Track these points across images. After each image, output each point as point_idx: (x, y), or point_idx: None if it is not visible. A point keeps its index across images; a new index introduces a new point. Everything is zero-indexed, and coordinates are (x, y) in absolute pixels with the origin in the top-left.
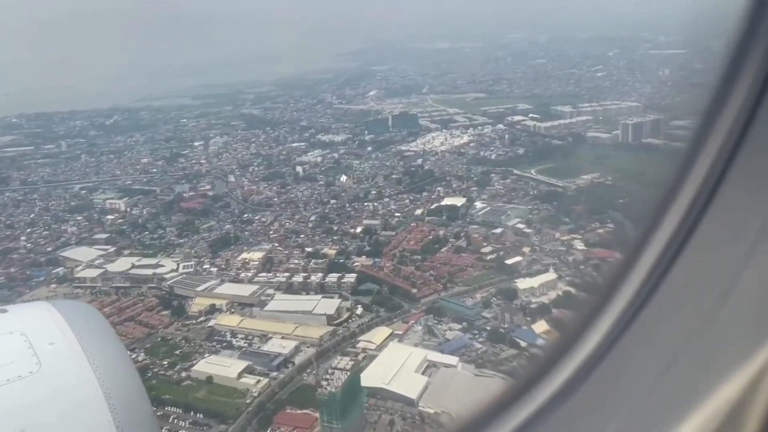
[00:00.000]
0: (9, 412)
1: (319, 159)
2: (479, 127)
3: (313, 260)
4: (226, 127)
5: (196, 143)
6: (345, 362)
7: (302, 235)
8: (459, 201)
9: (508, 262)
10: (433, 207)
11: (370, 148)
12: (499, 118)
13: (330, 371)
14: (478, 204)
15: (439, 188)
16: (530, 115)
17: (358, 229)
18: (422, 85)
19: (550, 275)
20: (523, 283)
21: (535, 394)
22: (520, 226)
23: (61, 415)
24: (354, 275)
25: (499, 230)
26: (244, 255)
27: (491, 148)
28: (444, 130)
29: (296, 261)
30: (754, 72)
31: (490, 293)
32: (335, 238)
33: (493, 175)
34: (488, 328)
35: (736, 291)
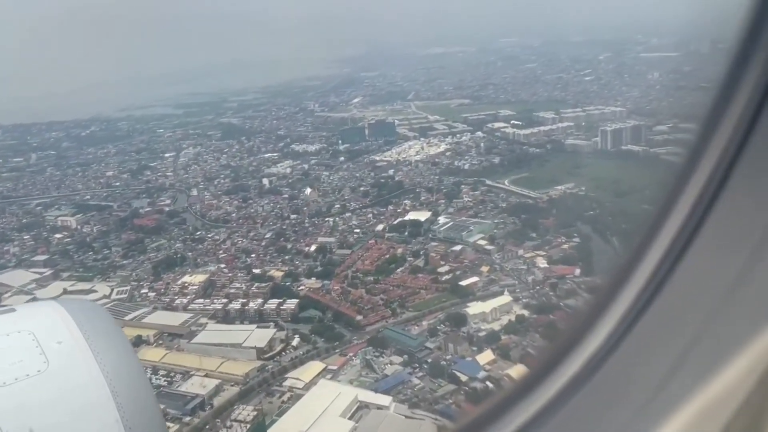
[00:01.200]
0: (17, 411)
1: (288, 170)
2: (458, 135)
3: (256, 284)
4: (202, 137)
5: (167, 155)
6: (250, 409)
7: (253, 255)
8: (423, 215)
9: (463, 283)
10: (395, 222)
11: (342, 158)
12: (479, 125)
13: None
14: (441, 219)
15: (406, 201)
16: (512, 121)
17: (312, 248)
18: (408, 92)
19: (505, 298)
20: (474, 308)
21: (538, 394)
22: (482, 242)
23: (69, 414)
24: (296, 301)
25: (458, 247)
26: (186, 278)
27: (466, 158)
28: (422, 139)
29: (238, 285)
30: (756, 74)
31: (438, 320)
32: (287, 258)
33: (464, 186)
34: (430, 360)
35: (740, 293)
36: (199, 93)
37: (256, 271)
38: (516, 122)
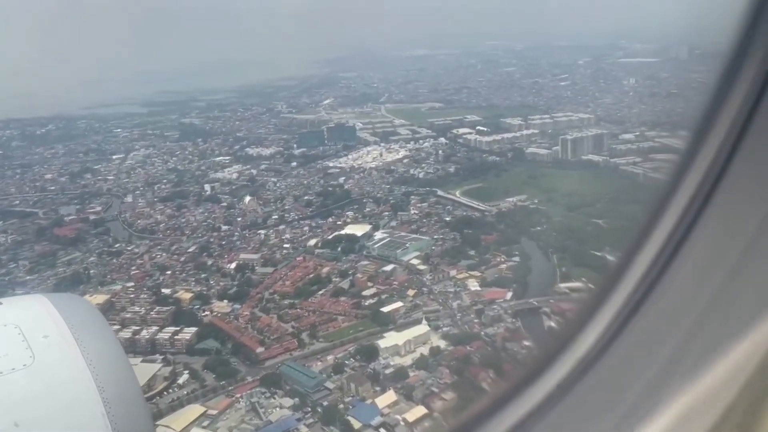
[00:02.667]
0: (3, 405)
1: (234, 176)
2: (420, 141)
3: (158, 308)
4: (158, 138)
5: (115, 156)
6: None
7: (168, 272)
8: (361, 229)
9: (385, 309)
10: (330, 237)
11: (294, 164)
12: (444, 130)
13: None
14: (378, 234)
15: (349, 213)
16: (477, 127)
17: (233, 265)
18: (382, 94)
19: (422, 328)
20: (389, 339)
21: (530, 394)
22: (415, 261)
23: (55, 407)
24: (195, 329)
25: (390, 267)
26: (84, 298)
27: (423, 165)
28: (382, 144)
29: (138, 308)
30: (752, 75)
31: (348, 353)
32: (203, 276)
33: (413, 197)
34: (325, 403)
35: (733, 291)
36: (170, 91)
37: (165, 291)
38: (481, 128)
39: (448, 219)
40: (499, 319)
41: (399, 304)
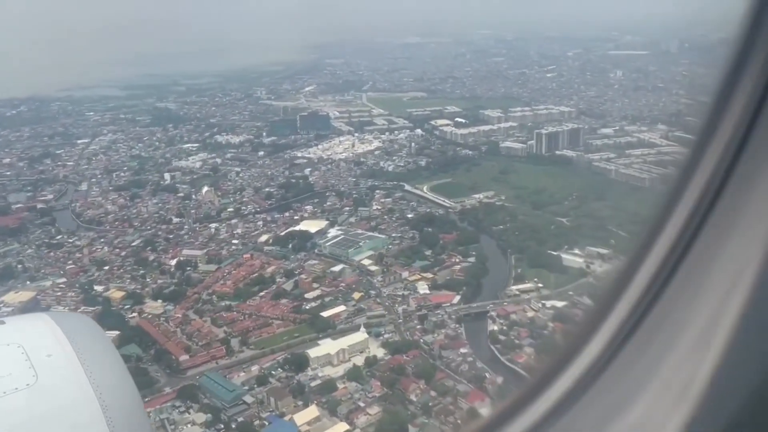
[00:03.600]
0: (5, 425)
1: (198, 164)
2: (396, 132)
3: (83, 307)
4: (129, 123)
5: (80, 141)
6: None
7: (106, 267)
8: (317, 225)
9: (326, 314)
10: (282, 233)
11: (262, 153)
12: (422, 121)
13: None
14: (332, 231)
15: (308, 207)
16: (456, 119)
17: (174, 262)
18: (366, 82)
19: (360, 335)
20: (322, 347)
21: (539, 402)
22: (367, 261)
23: (59, 428)
24: (117, 333)
25: (339, 267)
26: (8, 296)
27: (394, 158)
28: (356, 134)
29: (62, 308)
30: (756, 74)
31: (276, 362)
32: (141, 273)
33: (378, 191)
34: (240, 419)
35: (741, 297)
36: (153, 75)
37: (98, 288)
38: (460, 120)
39: (410, 216)
40: (442, 325)
41: (342, 308)
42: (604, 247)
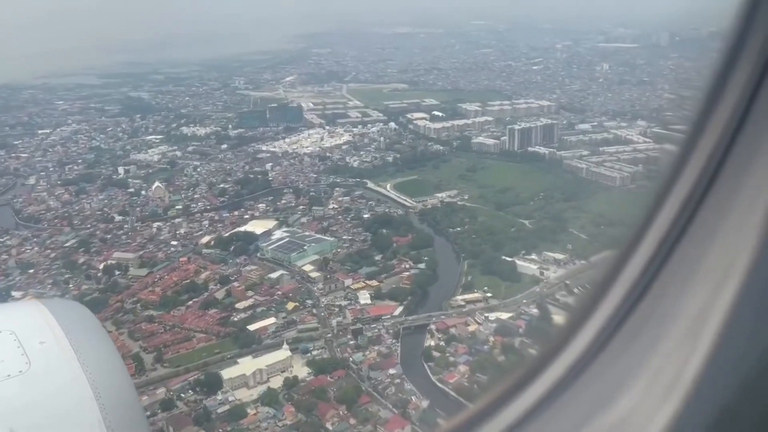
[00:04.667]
0: None
1: (156, 158)
2: (369, 125)
3: None
4: (97, 113)
5: (41, 131)
6: None
7: (31, 270)
8: (265, 226)
9: (253, 327)
10: (226, 234)
11: (225, 146)
12: (398, 114)
13: None
14: (278, 233)
15: (261, 205)
16: (433, 112)
17: (102, 266)
18: (349, 72)
19: (283, 353)
20: (238, 367)
21: (524, 395)
22: (309, 267)
23: (51, 414)
24: None
25: (278, 274)
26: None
27: (362, 153)
28: (327, 127)
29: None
30: (749, 69)
31: (188, 383)
32: (66, 277)
33: (339, 188)
34: None
35: (730, 290)
36: (134, 62)
37: (16, 294)
38: (437, 113)
39: (366, 216)
40: (377, 341)
41: (271, 320)
42: (562, 252)
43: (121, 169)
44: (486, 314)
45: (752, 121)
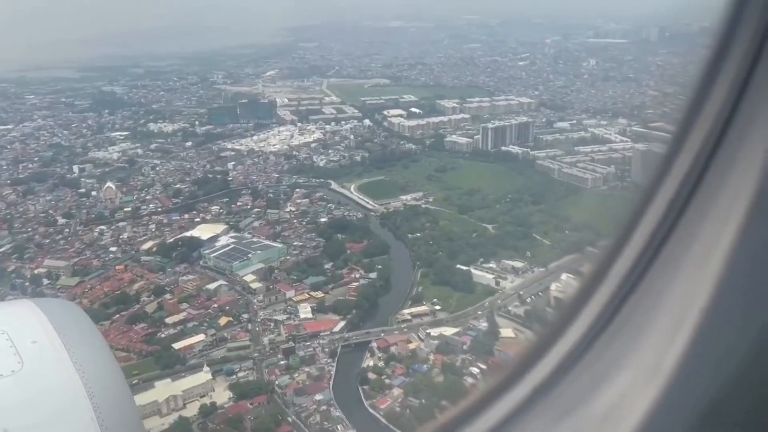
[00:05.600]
0: None
1: (115, 155)
2: (342, 123)
3: None
4: (66, 107)
5: (3, 127)
6: None
7: None
8: (213, 230)
9: (179, 345)
10: (170, 239)
11: (190, 143)
12: (375, 111)
13: None
14: (224, 239)
15: (215, 207)
16: (411, 109)
17: (32, 273)
18: (333, 67)
19: (203, 376)
20: (154, 392)
21: (515, 391)
22: (251, 278)
23: (44, 414)
24: None
25: (216, 284)
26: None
27: (330, 152)
28: (299, 124)
29: None
30: (736, 66)
31: None
32: None
33: (300, 189)
34: None
35: (720, 285)
36: (116, 56)
37: None
38: (414, 110)
39: (323, 220)
40: (310, 361)
41: (200, 337)
42: (521, 260)
43: (76, 168)
44: (430, 330)
45: (739, 118)
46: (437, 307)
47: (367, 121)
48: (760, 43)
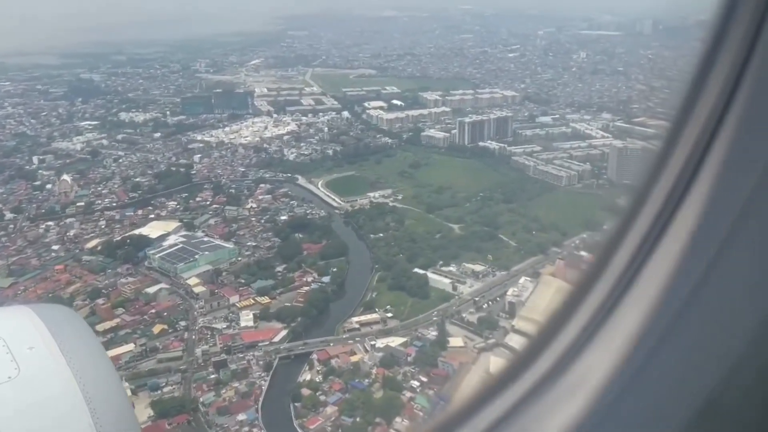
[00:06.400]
0: None
1: (78, 146)
2: (320, 114)
3: None
4: (40, 95)
5: None
6: None
7: None
8: (165, 228)
9: None
10: (118, 238)
11: (159, 134)
12: (356, 102)
13: None
14: (172, 238)
15: (173, 202)
16: (392, 101)
17: None
18: (320, 56)
19: None
20: None
21: (509, 391)
22: (195, 281)
23: (42, 420)
24: None
25: (156, 288)
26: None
27: (302, 144)
28: (274, 116)
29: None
30: (730, 62)
31: None
32: None
33: (265, 184)
34: None
35: (713, 282)
36: (101, 42)
37: None
38: (396, 102)
39: (283, 218)
40: (243, 375)
41: (129, 347)
42: (482, 263)
43: (35, 159)
44: (377, 340)
45: (733, 114)
46: (389, 315)
47: (345, 113)
48: (754, 37)
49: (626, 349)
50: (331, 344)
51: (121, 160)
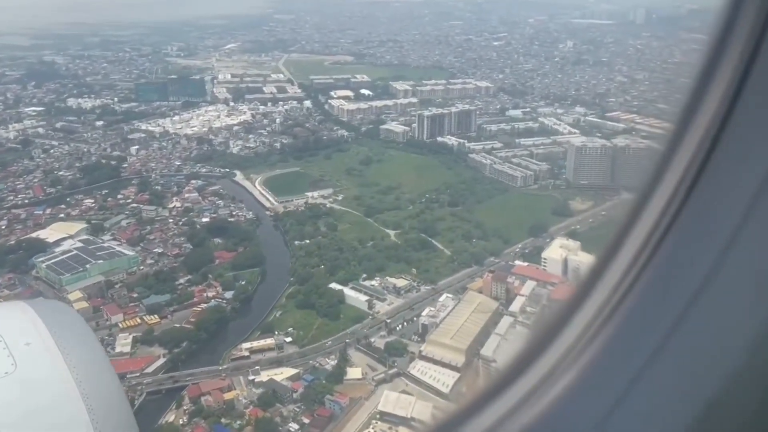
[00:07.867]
0: None
1: (11, 135)
2: (280, 103)
3: None
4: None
5: None
6: None
7: None
8: (67, 230)
9: None
10: (12, 241)
11: (101, 122)
12: (321, 91)
13: None
14: (68, 243)
15: (89, 200)
16: (361, 90)
17: None
18: (299, 41)
19: None
20: None
21: (512, 390)
22: (77, 295)
23: (39, 415)
24: None
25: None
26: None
27: (251, 137)
28: (231, 104)
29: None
30: (734, 62)
31: None
32: None
33: (195, 181)
34: None
35: (715, 285)
36: (77, 23)
37: None
38: (365, 92)
39: (204, 220)
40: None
41: None
42: (406, 277)
43: None
44: (261, 373)
45: (738, 113)
46: (288, 339)
47: (307, 103)
48: (759, 37)
49: (627, 353)
50: (211, 376)
51: (52, 151)
